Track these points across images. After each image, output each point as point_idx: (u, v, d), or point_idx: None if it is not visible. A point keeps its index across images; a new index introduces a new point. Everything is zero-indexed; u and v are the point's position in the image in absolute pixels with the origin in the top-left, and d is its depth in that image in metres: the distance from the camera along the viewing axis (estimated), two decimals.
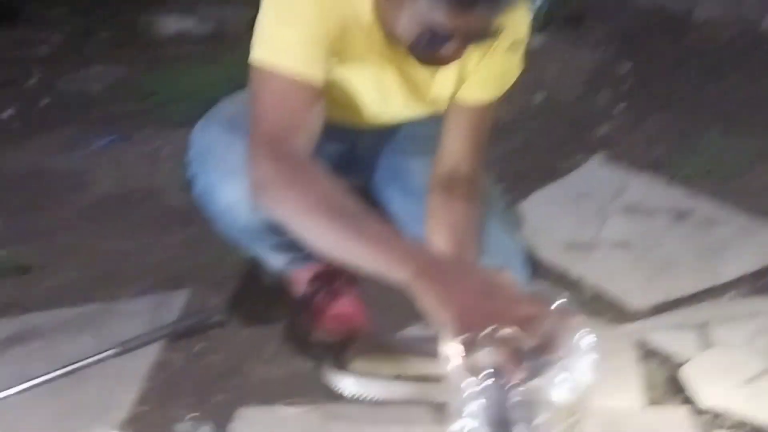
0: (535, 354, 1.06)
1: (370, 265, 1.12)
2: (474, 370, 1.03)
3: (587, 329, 1.09)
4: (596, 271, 1.77)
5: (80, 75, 3.39)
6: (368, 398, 1.42)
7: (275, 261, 1.64)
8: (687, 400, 1.40)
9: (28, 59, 3.61)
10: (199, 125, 1.47)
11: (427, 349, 1.54)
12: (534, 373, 1.05)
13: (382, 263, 1.10)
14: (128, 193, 2.44)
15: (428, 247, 1.20)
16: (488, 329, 1.02)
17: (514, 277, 1.22)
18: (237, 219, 1.45)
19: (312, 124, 1.27)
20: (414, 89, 1.43)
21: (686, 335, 1.56)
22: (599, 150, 2.34)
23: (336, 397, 1.44)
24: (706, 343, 1.53)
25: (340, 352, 1.51)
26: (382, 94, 1.42)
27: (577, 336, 1.08)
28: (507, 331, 1.02)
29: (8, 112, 3.12)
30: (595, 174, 2.20)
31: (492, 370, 1.03)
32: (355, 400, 1.43)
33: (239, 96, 1.51)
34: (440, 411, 1.36)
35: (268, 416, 1.41)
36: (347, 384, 1.44)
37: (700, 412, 1.37)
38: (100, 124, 2.90)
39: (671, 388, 1.44)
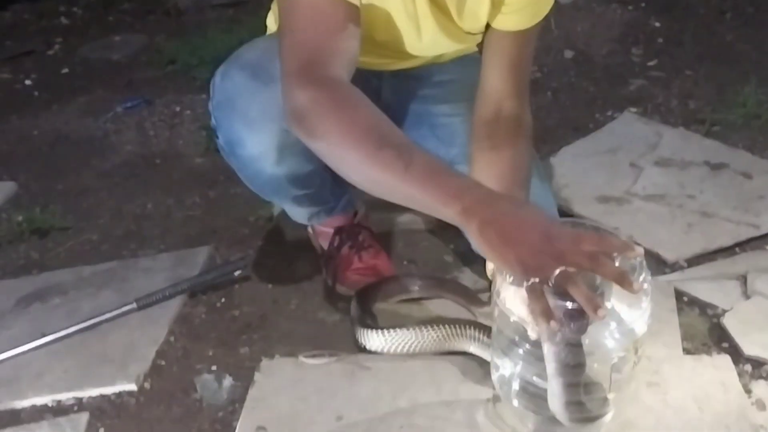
0: (605, 293, 1.03)
1: (419, 199, 1.07)
2: (546, 315, 0.98)
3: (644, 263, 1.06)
4: (631, 224, 1.71)
5: (102, 44, 3.37)
6: (394, 352, 1.37)
7: (297, 213, 1.60)
8: (728, 350, 1.35)
9: (50, 30, 3.60)
10: (220, 72, 1.39)
11: (454, 289, 1.51)
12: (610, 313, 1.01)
13: (431, 198, 1.05)
14: (150, 156, 2.42)
15: (480, 183, 1.12)
16: (557, 272, 0.98)
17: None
18: (261, 171, 1.41)
19: (350, 46, 1.19)
20: (445, 17, 1.35)
21: (725, 285, 1.51)
22: (631, 106, 2.27)
23: (361, 349, 1.40)
24: (746, 294, 1.48)
25: (364, 305, 1.46)
26: (413, 21, 1.34)
27: (639, 271, 1.05)
28: (576, 272, 0.98)
29: (30, 80, 3.10)
30: (628, 128, 2.13)
31: (569, 314, 0.99)
32: (380, 354, 1.39)
33: (259, 41, 1.46)
34: (468, 360, 1.33)
35: (291, 368, 1.37)
36: (372, 339, 1.39)
37: (742, 360, 1.32)
38: (122, 90, 2.88)
39: (711, 337, 1.39)
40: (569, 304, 0.99)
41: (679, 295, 1.49)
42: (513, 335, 1.09)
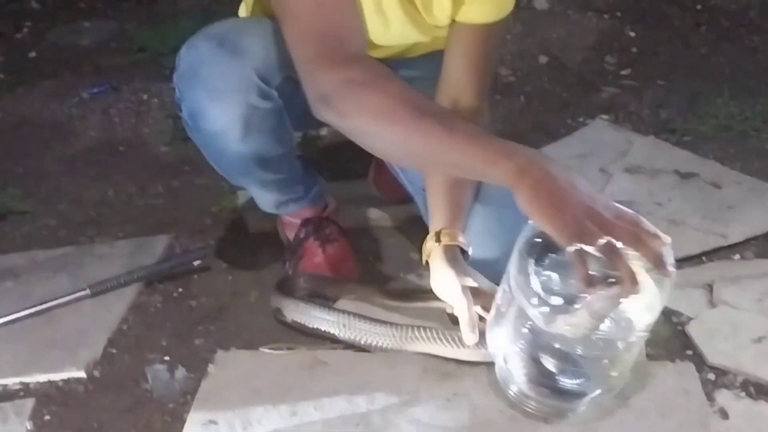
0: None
1: (464, 163, 1.06)
2: (587, 281, 0.98)
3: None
4: None
5: (71, 29, 3.30)
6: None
7: (265, 201, 1.56)
8: (692, 357, 1.34)
9: (20, 13, 3.51)
10: (186, 43, 1.35)
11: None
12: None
13: (480, 159, 1.04)
14: (114, 143, 2.38)
15: (524, 145, 1.10)
16: (603, 241, 0.98)
17: None
18: (226, 148, 1.37)
19: (359, 25, 1.18)
20: (413, 9, 1.34)
21: (691, 293, 1.49)
22: (603, 113, 2.26)
23: (320, 344, 1.37)
24: (712, 303, 1.47)
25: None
26: (380, 12, 1.32)
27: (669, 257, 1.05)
28: (621, 245, 0.99)
29: None
30: (599, 135, 2.12)
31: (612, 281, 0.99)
32: (337, 346, 1.36)
33: (230, 19, 1.43)
34: (428, 360, 1.30)
35: (247, 361, 1.34)
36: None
37: (705, 369, 1.31)
38: (90, 76, 2.82)
39: (675, 344, 1.38)
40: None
41: None
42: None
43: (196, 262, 1.61)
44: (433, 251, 1.31)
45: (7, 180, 2.17)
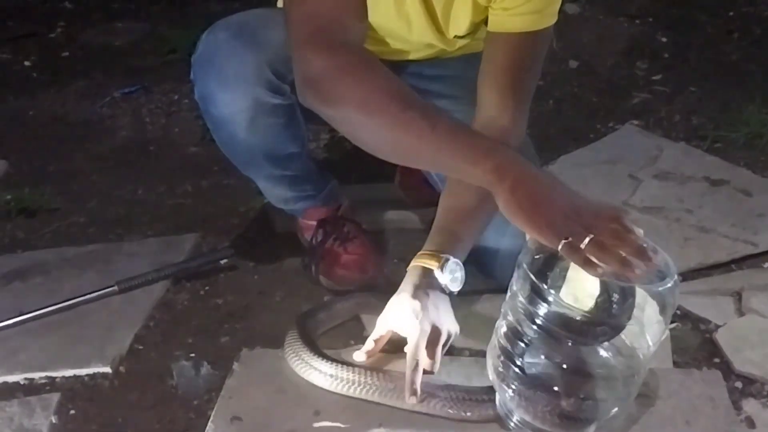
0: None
1: (445, 159, 1.06)
2: (589, 264, 0.97)
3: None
4: None
5: (104, 29, 3.34)
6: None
7: (273, 194, 1.57)
8: (719, 365, 1.32)
9: (54, 13, 3.56)
10: (210, 27, 1.37)
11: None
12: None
13: (460, 157, 1.04)
14: (144, 143, 2.40)
15: (507, 145, 1.10)
16: (587, 240, 0.98)
17: None
18: (234, 135, 1.39)
19: (362, 26, 1.17)
20: (434, 15, 1.34)
21: (720, 301, 1.48)
22: (634, 118, 2.24)
23: (344, 344, 1.37)
24: (741, 311, 1.45)
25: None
26: (402, 17, 1.33)
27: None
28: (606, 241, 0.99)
29: (30, 61, 3.08)
30: (629, 140, 2.11)
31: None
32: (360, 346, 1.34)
33: (258, 9, 1.44)
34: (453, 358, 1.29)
35: (272, 359, 1.34)
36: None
37: (733, 377, 1.29)
38: (121, 76, 2.84)
39: (702, 352, 1.36)
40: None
41: None
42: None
43: (223, 261, 1.62)
44: (411, 270, 1.28)
45: (39, 177, 2.20)
